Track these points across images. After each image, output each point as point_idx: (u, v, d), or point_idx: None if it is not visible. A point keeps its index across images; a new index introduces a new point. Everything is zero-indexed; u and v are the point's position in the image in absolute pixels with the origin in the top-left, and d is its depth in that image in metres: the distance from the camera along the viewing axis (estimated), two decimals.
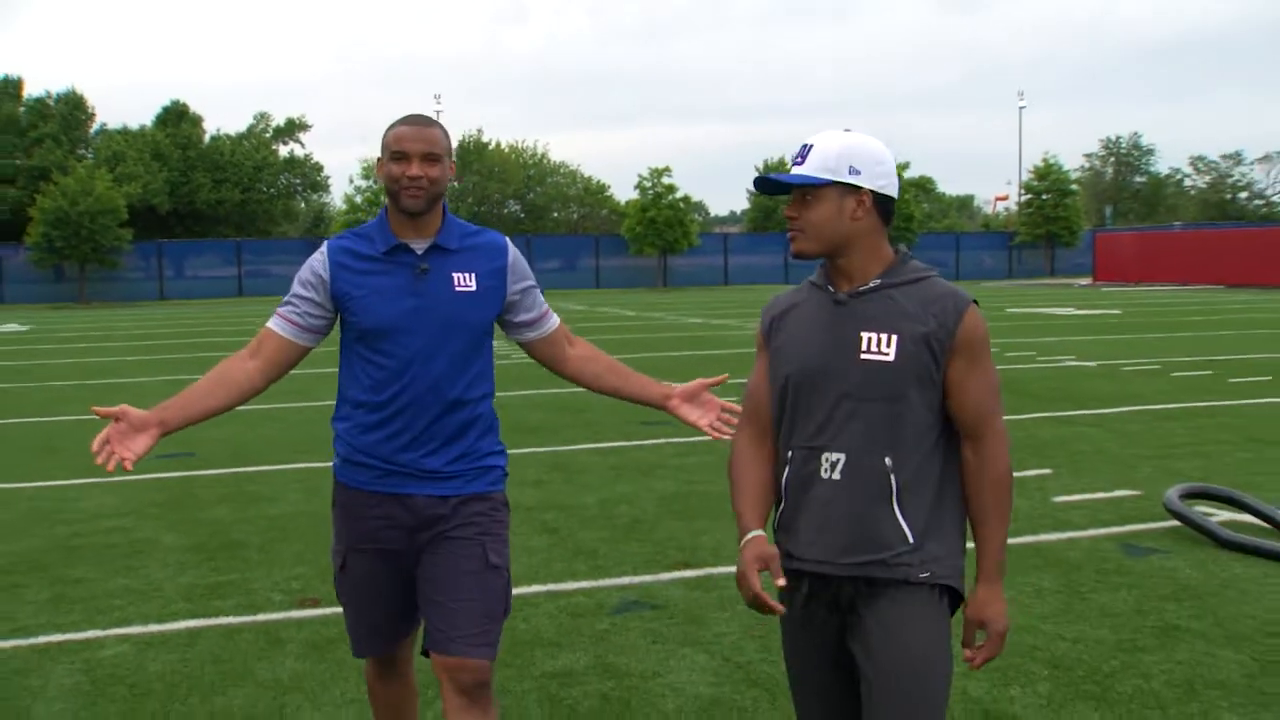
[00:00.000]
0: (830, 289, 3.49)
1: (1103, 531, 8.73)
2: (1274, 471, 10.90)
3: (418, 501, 4.09)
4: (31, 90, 71.47)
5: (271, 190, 75.95)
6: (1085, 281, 58.80)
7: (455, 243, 4.16)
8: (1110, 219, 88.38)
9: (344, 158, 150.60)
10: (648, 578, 7.72)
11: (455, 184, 77.10)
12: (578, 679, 5.97)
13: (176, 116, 72.85)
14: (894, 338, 3.34)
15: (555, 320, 4.43)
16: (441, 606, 4.08)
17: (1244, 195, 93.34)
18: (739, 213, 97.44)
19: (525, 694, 5.81)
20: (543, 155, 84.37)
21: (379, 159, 4.17)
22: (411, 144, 4.02)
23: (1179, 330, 27.96)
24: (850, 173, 3.38)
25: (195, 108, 74.99)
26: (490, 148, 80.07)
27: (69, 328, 36.26)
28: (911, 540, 3.36)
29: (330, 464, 4.29)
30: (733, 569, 7.59)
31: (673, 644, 6.46)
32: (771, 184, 3.57)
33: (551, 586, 7.52)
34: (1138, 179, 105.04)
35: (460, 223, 4.24)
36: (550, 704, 5.70)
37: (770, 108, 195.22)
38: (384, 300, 4.04)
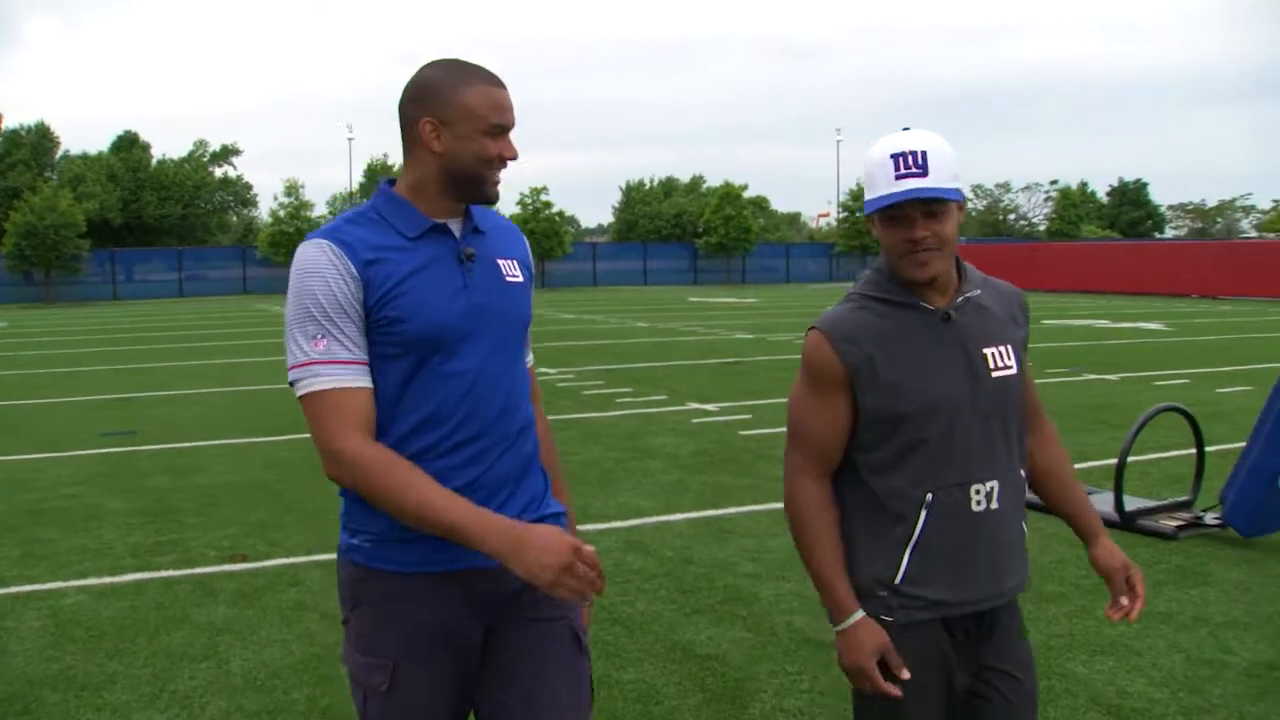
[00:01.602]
0: (924, 304, 2.67)
1: None
2: None
3: (492, 574, 2.52)
4: (9, 123, 69.51)
5: (208, 206, 74.27)
6: None
7: (483, 224, 2.66)
8: None
9: (270, 178, 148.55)
10: None
11: (364, 200, 75.99)
12: None
13: (128, 144, 70.97)
14: (1009, 349, 2.70)
15: (530, 355, 2.86)
16: (525, 716, 2.60)
17: (1012, 217, 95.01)
18: (605, 225, 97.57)
19: None
20: None
21: (437, 122, 2.50)
22: (511, 116, 2.55)
23: None
24: (956, 180, 2.61)
25: (144, 136, 73.10)
26: (395, 169, 78.91)
27: (38, 324, 35.18)
28: (1024, 541, 2.80)
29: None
30: (595, 525, 7.70)
31: None
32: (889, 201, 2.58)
33: None
34: None
35: None
36: None
37: (629, 138, 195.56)
38: (435, 297, 2.50)
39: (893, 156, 2.55)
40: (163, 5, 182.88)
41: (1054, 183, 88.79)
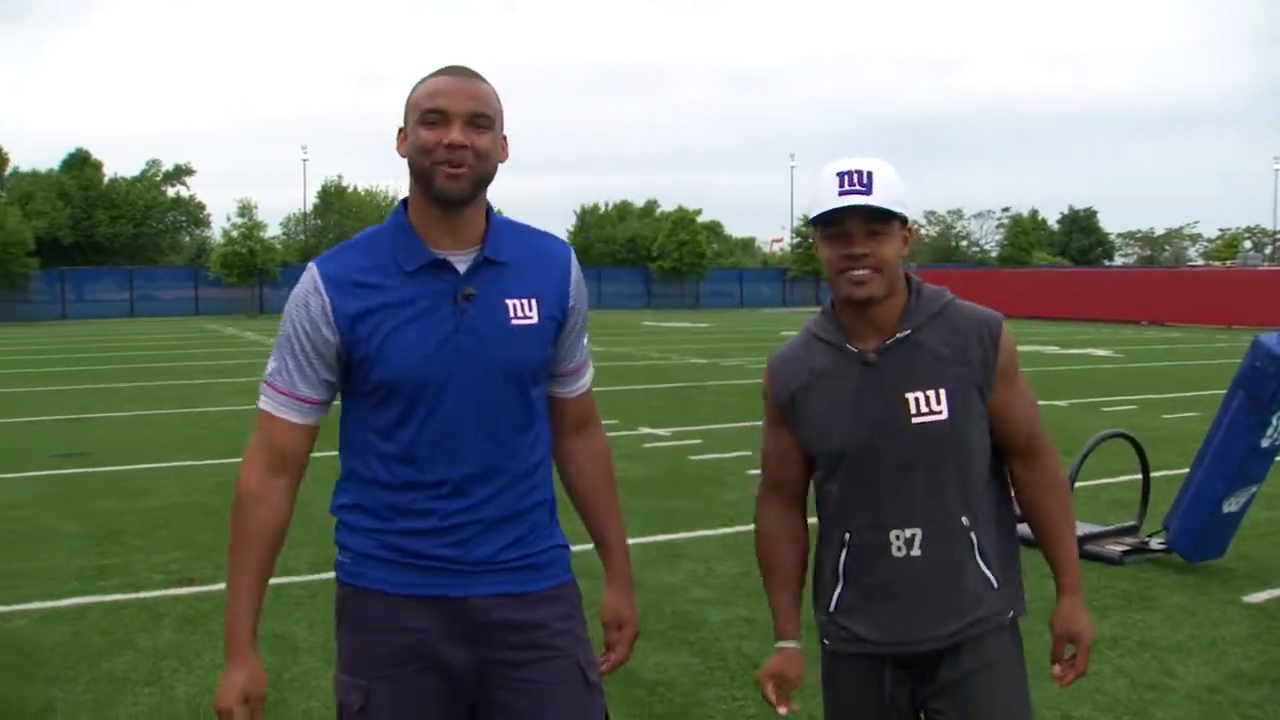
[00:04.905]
0: (849, 347, 2.65)
1: None
2: None
3: (474, 605, 2.49)
4: None
5: (160, 226, 73.59)
6: None
7: (507, 251, 2.51)
8: None
9: (223, 198, 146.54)
10: None
11: (318, 221, 75.52)
12: None
13: (80, 162, 70.38)
14: (942, 392, 2.58)
15: (588, 379, 2.86)
16: None
17: (965, 243, 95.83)
18: None
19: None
20: (394, 198, 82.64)
21: (401, 130, 2.50)
22: (453, 100, 2.40)
23: None
24: (902, 206, 2.57)
25: (96, 154, 72.51)
26: (349, 191, 78.58)
27: None
28: (996, 586, 2.66)
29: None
30: None
31: None
32: (830, 215, 2.56)
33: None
34: None
35: (507, 220, 2.59)
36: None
37: (587, 163, 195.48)
38: (418, 341, 2.42)
39: (839, 174, 2.54)
40: (115, 22, 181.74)
41: (1006, 210, 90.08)
